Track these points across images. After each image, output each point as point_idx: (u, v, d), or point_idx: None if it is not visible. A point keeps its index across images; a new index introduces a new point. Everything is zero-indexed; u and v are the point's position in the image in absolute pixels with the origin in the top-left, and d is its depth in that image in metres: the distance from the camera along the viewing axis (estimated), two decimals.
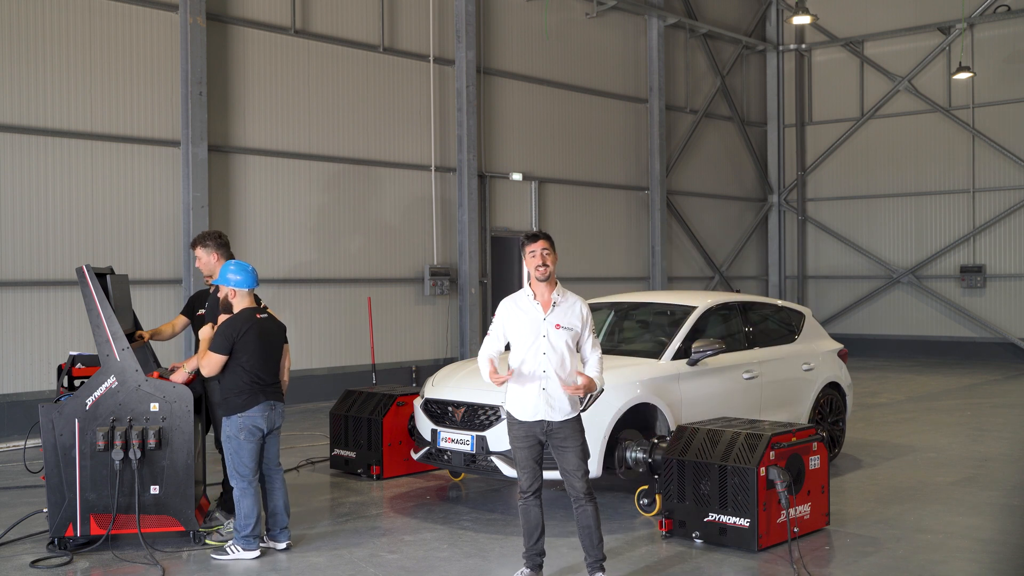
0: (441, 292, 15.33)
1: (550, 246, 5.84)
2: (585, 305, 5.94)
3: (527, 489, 5.88)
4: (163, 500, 6.55)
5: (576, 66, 18.00)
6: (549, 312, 5.80)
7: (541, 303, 5.82)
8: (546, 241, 5.83)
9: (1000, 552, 6.63)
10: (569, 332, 5.79)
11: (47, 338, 11.41)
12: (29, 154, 11.31)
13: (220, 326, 6.47)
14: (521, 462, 5.88)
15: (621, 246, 19.06)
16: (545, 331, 5.77)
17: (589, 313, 5.94)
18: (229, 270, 6.55)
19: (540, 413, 5.74)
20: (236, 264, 6.59)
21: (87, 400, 6.46)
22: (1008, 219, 20.22)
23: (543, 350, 5.74)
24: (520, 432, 5.83)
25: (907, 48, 21.47)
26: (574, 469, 5.75)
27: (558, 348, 5.75)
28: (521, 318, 5.82)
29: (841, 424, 9.74)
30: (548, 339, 5.76)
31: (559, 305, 5.83)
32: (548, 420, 5.74)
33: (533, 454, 5.85)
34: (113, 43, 12.02)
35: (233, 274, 6.53)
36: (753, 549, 6.47)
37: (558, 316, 5.79)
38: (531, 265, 5.82)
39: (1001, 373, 17.87)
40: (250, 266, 6.65)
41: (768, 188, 23.12)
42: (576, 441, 5.78)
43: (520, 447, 5.88)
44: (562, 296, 5.88)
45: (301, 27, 13.86)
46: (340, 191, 14.35)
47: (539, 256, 5.79)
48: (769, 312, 9.87)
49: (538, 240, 5.82)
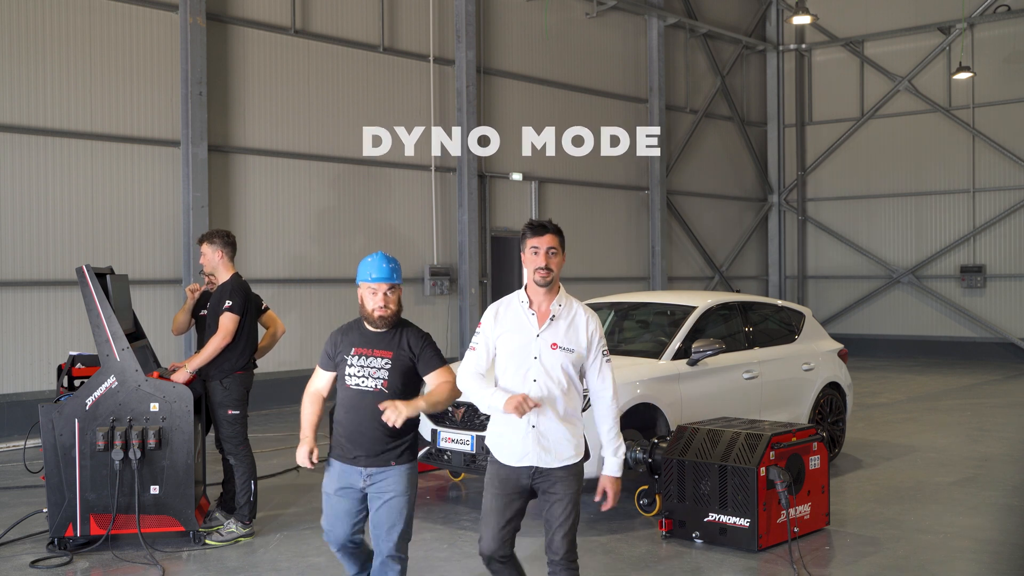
0: (441, 292, 15.33)
1: (558, 244, 4.57)
2: (594, 319, 4.60)
3: (492, 553, 4.51)
4: (163, 500, 6.55)
5: (576, 66, 18.00)
6: (545, 326, 4.50)
7: (537, 314, 4.54)
8: (555, 236, 4.56)
9: (1000, 552, 6.62)
10: (569, 355, 4.49)
11: (47, 338, 11.41)
12: (29, 154, 11.31)
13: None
14: (490, 514, 4.49)
15: (621, 246, 19.05)
16: (537, 351, 4.48)
17: (599, 329, 4.60)
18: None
19: (529, 457, 4.47)
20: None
21: (87, 400, 6.46)
22: (1008, 219, 20.21)
23: (533, 376, 4.47)
24: (500, 475, 4.53)
25: (907, 48, 21.46)
26: (559, 524, 4.46)
27: (553, 374, 4.47)
28: (509, 330, 4.56)
29: (841, 424, 9.75)
30: (541, 361, 4.47)
31: (559, 318, 4.53)
32: (540, 467, 4.50)
33: (512, 507, 4.51)
34: (113, 43, 12.02)
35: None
36: (753, 549, 6.47)
37: (556, 333, 4.50)
38: (530, 265, 4.53)
39: (1001, 373, 17.87)
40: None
41: (768, 188, 23.11)
42: (570, 491, 4.49)
43: (496, 494, 4.51)
44: (565, 306, 4.57)
45: (301, 27, 13.86)
46: (340, 191, 14.35)
47: (543, 255, 4.50)
48: (769, 312, 9.87)
49: (545, 233, 4.54)
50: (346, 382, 4.74)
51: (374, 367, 4.69)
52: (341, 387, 4.77)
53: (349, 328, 4.87)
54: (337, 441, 4.78)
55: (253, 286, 7.61)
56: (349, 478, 4.70)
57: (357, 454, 4.68)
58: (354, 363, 4.72)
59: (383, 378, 4.68)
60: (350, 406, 4.72)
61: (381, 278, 4.70)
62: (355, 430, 4.68)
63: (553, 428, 4.48)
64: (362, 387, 4.69)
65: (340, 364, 4.76)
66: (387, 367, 4.69)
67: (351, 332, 4.83)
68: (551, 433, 4.48)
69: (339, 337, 4.84)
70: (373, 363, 4.70)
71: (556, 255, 4.55)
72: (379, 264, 4.73)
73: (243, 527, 6.85)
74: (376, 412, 4.57)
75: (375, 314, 4.70)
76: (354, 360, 4.73)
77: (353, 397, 4.71)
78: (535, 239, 4.54)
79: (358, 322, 4.82)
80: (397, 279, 4.77)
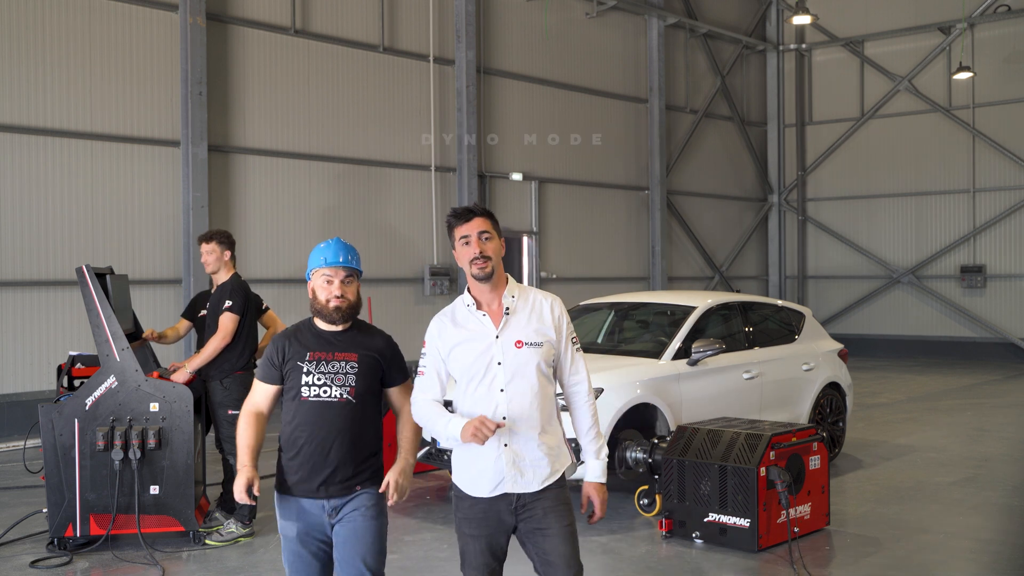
0: (441, 292, 15.32)
1: (491, 227, 3.85)
2: (557, 302, 3.96)
3: None
4: (163, 500, 6.55)
5: (576, 66, 17.99)
6: (503, 325, 3.84)
7: (488, 313, 3.86)
8: (484, 219, 3.85)
9: (1000, 552, 6.62)
10: (538, 349, 3.82)
11: (47, 338, 11.41)
12: (29, 154, 11.31)
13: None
14: (472, 562, 3.90)
15: (621, 246, 19.05)
16: (500, 355, 3.80)
17: (564, 313, 3.96)
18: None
19: (505, 483, 3.79)
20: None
21: (87, 400, 6.46)
22: (1008, 219, 20.21)
23: (499, 385, 3.79)
24: (473, 514, 3.85)
25: (907, 48, 21.46)
26: (562, 564, 3.78)
27: (525, 377, 3.80)
28: (461, 341, 3.86)
29: (841, 424, 9.74)
30: (506, 367, 3.79)
31: (516, 311, 3.87)
32: (518, 493, 3.81)
33: (493, 549, 3.89)
34: (113, 43, 12.02)
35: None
36: (753, 549, 6.47)
37: (518, 328, 3.84)
38: (465, 258, 3.84)
39: (1001, 373, 17.86)
40: None
41: (768, 188, 23.11)
42: (562, 519, 3.81)
43: (472, 535, 3.88)
44: (520, 297, 3.91)
45: (301, 27, 13.86)
46: (340, 191, 14.35)
47: (474, 242, 3.80)
48: (769, 312, 9.87)
49: (472, 218, 3.84)
50: (302, 394, 3.94)
51: (337, 372, 3.94)
52: (293, 402, 3.97)
53: (297, 330, 4.08)
54: (291, 469, 3.94)
55: (253, 286, 7.62)
56: (311, 515, 3.92)
57: (320, 483, 3.88)
58: (311, 370, 3.94)
59: (349, 384, 3.94)
60: (309, 423, 3.91)
61: (336, 262, 4.00)
62: (318, 453, 3.89)
63: (529, 445, 3.80)
64: (324, 398, 3.92)
65: (291, 374, 3.97)
66: (353, 371, 3.96)
67: (302, 334, 4.05)
68: (527, 452, 3.79)
69: (286, 342, 4.03)
70: (336, 367, 3.95)
71: (490, 239, 3.83)
72: (334, 248, 4.04)
73: (243, 527, 6.85)
74: (343, 428, 3.90)
75: (330, 304, 3.97)
76: (311, 366, 3.95)
77: (313, 412, 3.91)
78: (462, 227, 3.84)
79: (308, 323, 4.09)
80: (356, 265, 4.07)
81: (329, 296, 3.99)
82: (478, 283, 3.85)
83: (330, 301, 3.99)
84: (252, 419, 4.01)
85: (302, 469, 3.91)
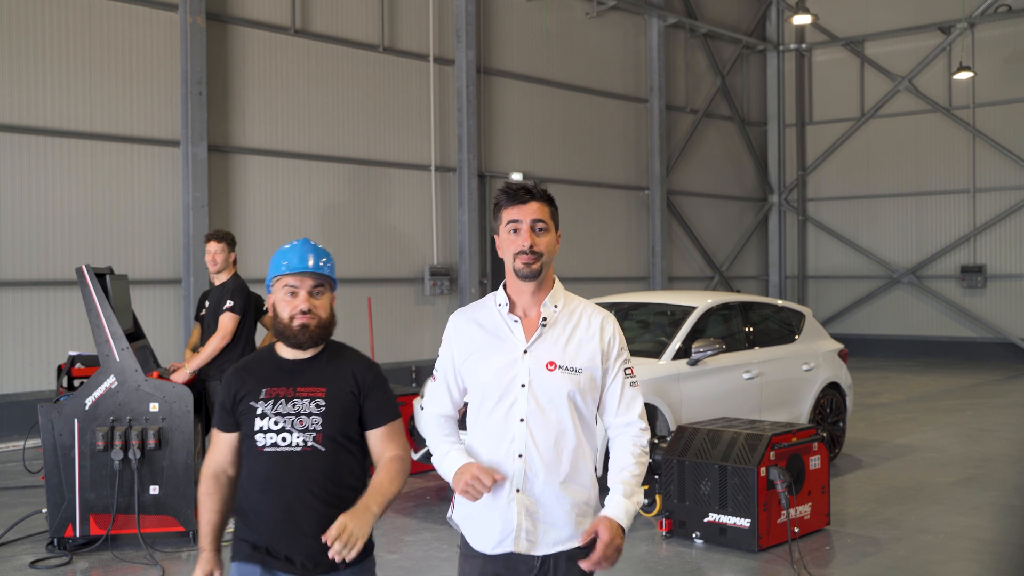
0: (441, 292, 15.32)
1: (549, 217, 3.11)
2: (610, 320, 3.15)
3: None
4: (163, 500, 6.54)
5: (576, 66, 17.99)
6: (536, 337, 3.05)
7: (522, 320, 3.08)
8: (543, 205, 3.10)
9: (1001, 552, 6.62)
10: (574, 376, 3.01)
11: (47, 338, 11.40)
12: (29, 154, 11.31)
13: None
14: None
15: (621, 246, 19.05)
16: (526, 375, 3.01)
17: (618, 335, 3.15)
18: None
19: (516, 541, 3.01)
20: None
21: (87, 400, 6.46)
22: (1009, 219, 20.21)
23: (519, 413, 3.00)
24: (478, 572, 3.09)
25: (907, 48, 21.46)
26: None
27: (553, 408, 3.00)
28: (480, 348, 3.09)
29: (841, 424, 9.75)
30: (531, 391, 3.00)
31: (555, 324, 3.08)
32: (530, 555, 3.01)
33: None
34: (113, 43, 12.01)
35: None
36: (753, 549, 6.46)
37: (554, 344, 3.05)
38: (509, 249, 3.07)
39: (1001, 373, 17.86)
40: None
41: (768, 188, 23.11)
42: None
43: None
44: (564, 307, 3.11)
45: (301, 27, 13.85)
46: (340, 191, 14.34)
47: (525, 233, 3.04)
48: (769, 312, 9.87)
49: (527, 201, 3.07)
50: (256, 443, 3.06)
51: (300, 413, 3.08)
52: (248, 453, 3.11)
53: (253, 361, 3.24)
54: (246, 537, 3.12)
55: (253, 286, 7.62)
56: None
57: (285, 556, 3.05)
58: (267, 411, 3.08)
59: (315, 429, 3.06)
60: (267, 480, 3.05)
61: (301, 267, 3.14)
62: (281, 520, 3.05)
63: (550, 495, 2.98)
64: (282, 447, 3.04)
65: (244, 417, 3.11)
66: (319, 410, 3.08)
67: (257, 366, 3.20)
68: (548, 502, 2.98)
69: (236, 378, 3.18)
70: (297, 407, 3.08)
71: (545, 232, 3.08)
72: (300, 250, 3.18)
73: None
74: (311, 485, 3.04)
75: (295, 323, 3.12)
76: (266, 407, 3.09)
77: (271, 465, 3.05)
78: (513, 209, 3.06)
79: (267, 351, 3.25)
80: (328, 272, 3.21)
81: (293, 311, 3.13)
82: (519, 281, 3.07)
83: (295, 318, 3.13)
84: (212, 483, 3.15)
85: (258, 536, 3.08)
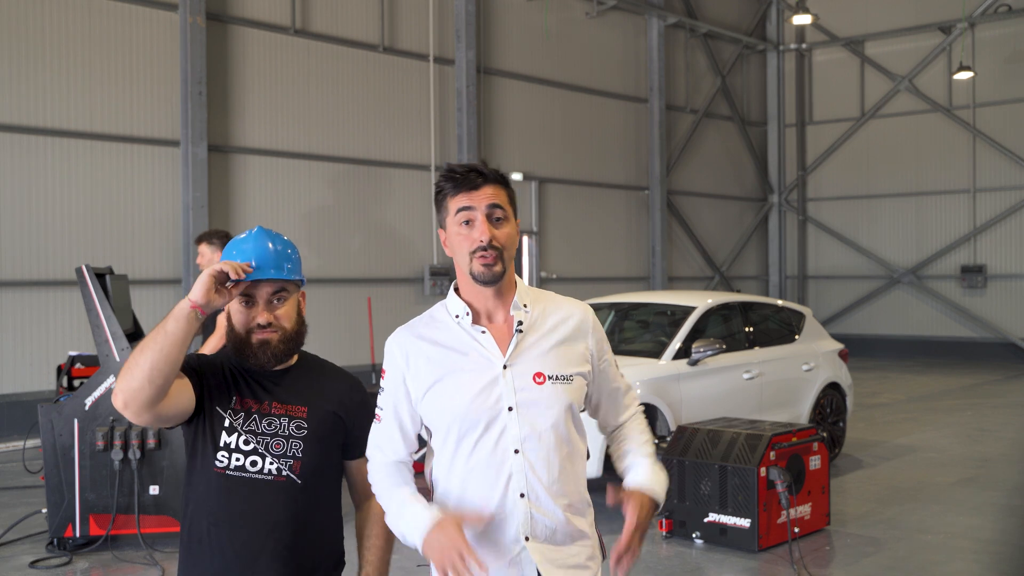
0: (441, 292, 15.31)
1: (506, 199, 2.49)
2: (590, 314, 2.61)
3: None
4: (163, 500, 6.54)
5: (576, 66, 17.99)
6: (512, 347, 2.45)
7: (490, 329, 2.47)
8: (498, 189, 2.48)
9: (1001, 553, 6.62)
10: (566, 386, 2.47)
11: (47, 338, 11.40)
12: (29, 154, 11.31)
13: None
14: None
15: (621, 246, 19.05)
16: (511, 395, 2.43)
17: (599, 328, 2.63)
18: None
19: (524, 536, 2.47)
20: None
21: (87, 400, 6.45)
22: (1009, 219, 20.21)
23: (512, 444, 2.42)
24: None
25: (907, 48, 21.46)
26: None
27: (550, 432, 2.45)
28: (445, 374, 2.45)
29: (841, 424, 9.74)
30: (520, 413, 2.42)
31: (532, 328, 2.50)
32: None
33: None
34: (113, 43, 12.01)
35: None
36: (753, 549, 6.46)
37: (537, 353, 2.48)
38: (460, 246, 2.43)
39: (1001, 373, 17.86)
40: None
41: (768, 188, 23.11)
42: None
43: None
44: (535, 306, 2.53)
45: (301, 27, 13.85)
46: (340, 191, 14.34)
47: (480, 224, 2.41)
48: (769, 312, 9.87)
49: (479, 185, 2.44)
50: (216, 462, 2.50)
51: (276, 433, 2.53)
52: (202, 471, 2.53)
53: (227, 360, 2.64)
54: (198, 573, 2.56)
55: None
56: None
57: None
58: (237, 426, 2.51)
59: (295, 456, 2.53)
60: (227, 512, 2.50)
61: (256, 276, 2.50)
62: (230, 560, 2.50)
63: (560, 525, 2.52)
64: (252, 472, 2.49)
65: (206, 419, 2.54)
66: (300, 433, 2.55)
67: (230, 365, 2.61)
68: (561, 538, 2.54)
69: (216, 365, 2.61)
70: (274, 425, 2.54)
71: (505, 222, 2.45)
72: (253, 246, 2.53)
73: None
74: (283, 524, 2.52)
75: (253, 339, 2.53)
76: (235, 419, 2.52)
77: (233, 494, 2.50)
78: (463, 195, 2.42)
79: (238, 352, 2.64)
80: (291, 275, 2.57)
81: (249, 324, 2.53)
82: (477, 286, 2.44)
83: (252, 333, 2.53)
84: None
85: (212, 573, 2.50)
